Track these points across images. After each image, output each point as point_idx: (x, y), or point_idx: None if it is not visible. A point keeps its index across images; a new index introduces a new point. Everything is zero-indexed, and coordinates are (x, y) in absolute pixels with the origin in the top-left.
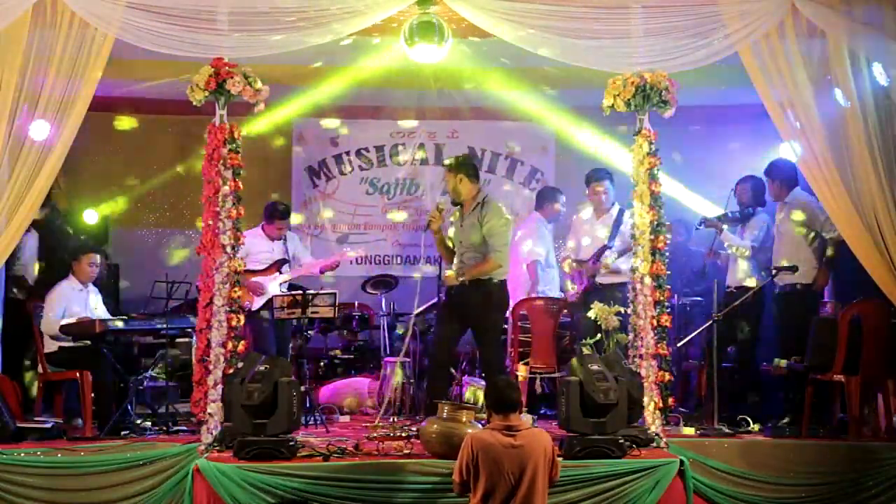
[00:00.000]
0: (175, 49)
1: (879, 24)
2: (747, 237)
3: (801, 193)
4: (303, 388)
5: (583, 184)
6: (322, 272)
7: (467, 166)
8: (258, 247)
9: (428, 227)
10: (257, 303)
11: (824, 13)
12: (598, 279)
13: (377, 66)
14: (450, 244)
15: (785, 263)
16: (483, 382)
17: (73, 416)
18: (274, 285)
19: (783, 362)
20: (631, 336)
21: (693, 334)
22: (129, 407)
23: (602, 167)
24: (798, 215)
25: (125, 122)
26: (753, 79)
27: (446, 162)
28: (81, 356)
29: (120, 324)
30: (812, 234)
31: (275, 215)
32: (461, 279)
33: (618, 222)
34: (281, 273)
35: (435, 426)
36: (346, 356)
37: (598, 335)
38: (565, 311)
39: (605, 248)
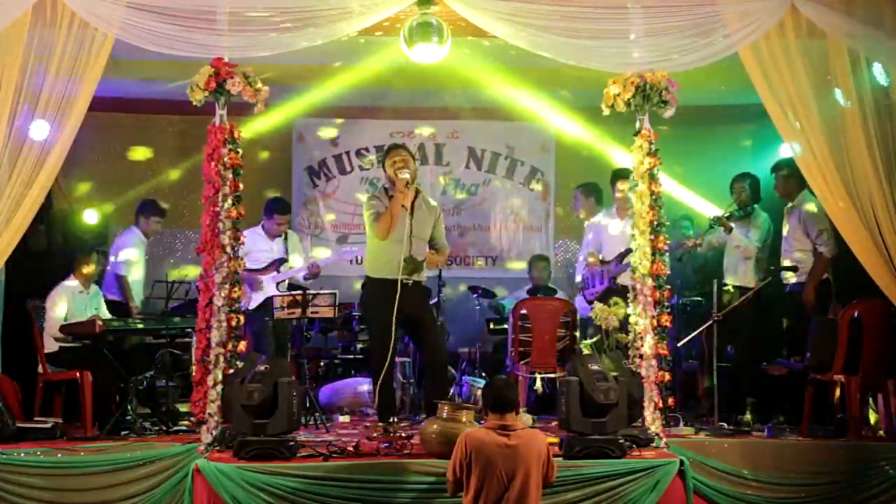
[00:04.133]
0: (175, 49)
1: (879, 24)
2: (752, 236)
3: (809, 196)
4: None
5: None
6: (306, 278)
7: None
8: (257, 245)
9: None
10: (255, 301)
11: (824, 13)
12: (619, 280)
13: (377, 66)
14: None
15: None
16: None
17: (73, 417)
18: (271, 285)
19: (783, 364)
20: (631, 336)
21: (693, 334)
22: (129, 407)
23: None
24: (805, 219)
25: (125, 122)
26: (753, 79)
27: (405, 144)
28: (81, 356)
29: (120, 324)
30: (819, 237)
31: (274, 209)
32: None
33: None
34: (279, 273)
35: (435, 426)
36: (346, 356)
37: (598, 335)
38: (565, 310)
39: (628, 250)
